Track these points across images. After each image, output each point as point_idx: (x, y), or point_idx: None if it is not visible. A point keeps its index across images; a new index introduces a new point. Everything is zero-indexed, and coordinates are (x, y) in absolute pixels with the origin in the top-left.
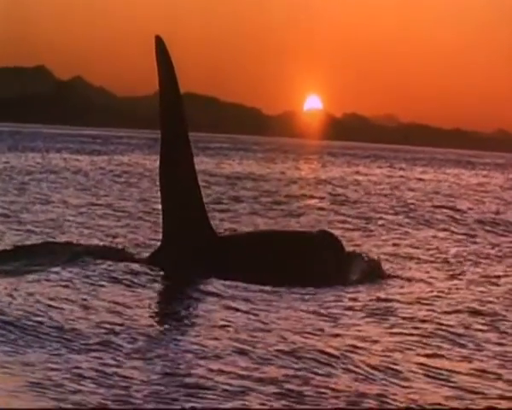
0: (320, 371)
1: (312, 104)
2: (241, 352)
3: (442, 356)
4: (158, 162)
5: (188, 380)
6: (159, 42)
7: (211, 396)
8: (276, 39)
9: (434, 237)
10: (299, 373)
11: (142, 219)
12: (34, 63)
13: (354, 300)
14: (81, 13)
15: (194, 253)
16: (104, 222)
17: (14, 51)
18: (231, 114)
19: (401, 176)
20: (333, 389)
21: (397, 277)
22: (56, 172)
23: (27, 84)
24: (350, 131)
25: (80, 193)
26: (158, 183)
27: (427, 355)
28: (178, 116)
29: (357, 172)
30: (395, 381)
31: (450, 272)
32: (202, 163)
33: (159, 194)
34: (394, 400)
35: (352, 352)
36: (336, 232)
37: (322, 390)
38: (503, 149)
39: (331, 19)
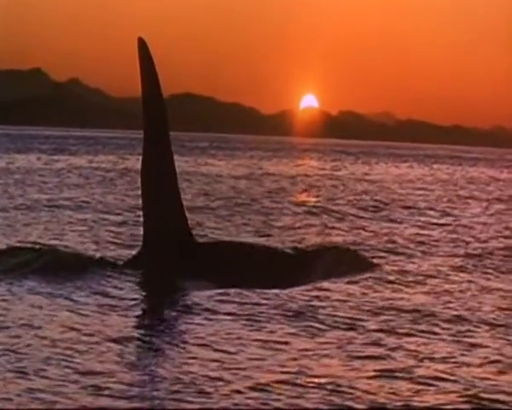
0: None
1: (309, 103)
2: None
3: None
4: (140, 165)
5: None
6: (141, 44)
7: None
8: (273, 39)
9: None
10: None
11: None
12: (30, 66)
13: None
14: (76, 14)
15: (171, 259)
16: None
17: (10, 54)
18: (228, 114)
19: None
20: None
21: None
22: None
23: (24, 86)
24: (347, 129)
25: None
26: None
27: None
28: (160, 119)
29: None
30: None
31: None
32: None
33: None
34: None
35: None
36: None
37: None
38: (500, 144)
39: (327, 17)
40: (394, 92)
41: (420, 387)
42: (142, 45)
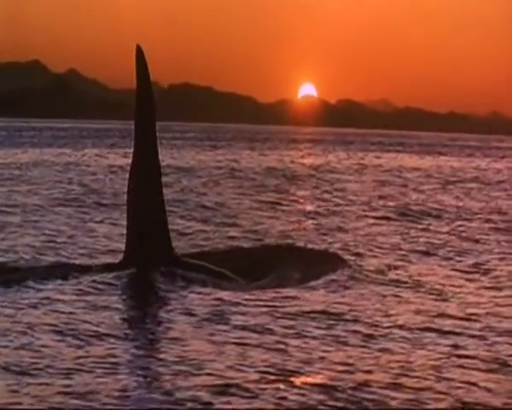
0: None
1: (307, 91)
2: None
3: None
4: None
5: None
6: (138, 51)
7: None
8: (270, 27)
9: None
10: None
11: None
12: (29, 58)
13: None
14: (74, 5)
15: (151, 270)
16: None
17: (9, 46)
18: (226, 103)
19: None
20: None
21: None
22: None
23: (23, 78)
24: (345, 118)
25: None
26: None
27: None
28: (150, 129)
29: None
30: None
31: None
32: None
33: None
34: None
35: None
36: None
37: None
38: (496, 131)
39: (325, 5)
40: (392, 80)
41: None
42: (139, 53)
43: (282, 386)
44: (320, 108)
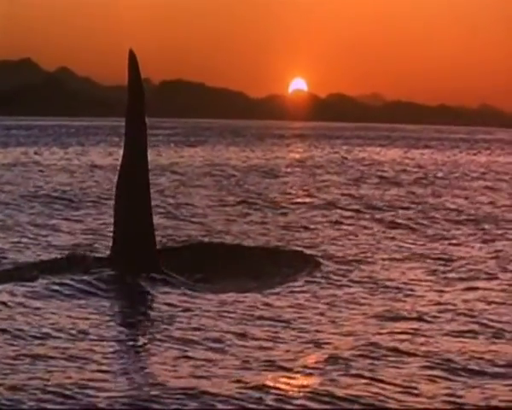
0: None
1: (297, 86)
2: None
3: None
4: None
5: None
6: (131, 56)
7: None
8: (260, 22)
9: None
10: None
11: None
12: (20, 56)
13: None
14: (65, 3)
15: (135, 264)
16: None
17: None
18: (218, 99)
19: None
20: None
21: None
22: None
23: (14, 77)
24: (335, 112)
25: None
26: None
27: None
28: (140, 131)
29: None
30: None
31: None
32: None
33: None
34: None
35: None
36: None
37: None
38: (487, 123)
39: (315, 1)
40: (383, 74)
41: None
42: (132, 57)
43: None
44: (310, 102)
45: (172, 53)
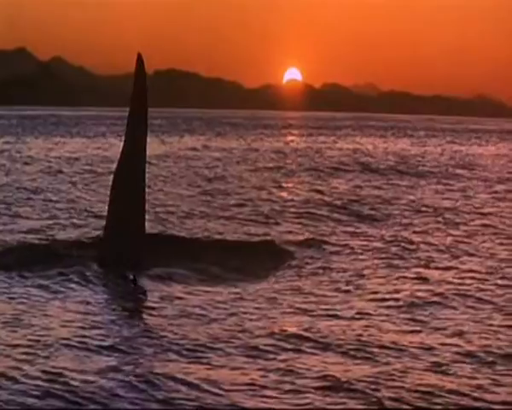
0: None
1: (292, 75)
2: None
3: None
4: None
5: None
6: (139, 58)
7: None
8: (254, 12)
9: None
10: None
11: None
12: (15, 45)
13: None
14: None
15: (125, 247)
16: None
17: None
18: (212, 89)
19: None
20: None
21: None
22: None
23: (9, 66)
24: (330, 102)
25: None
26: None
27: None
28: (141, 129)
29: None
30: None
31: None
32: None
33: None
34: None
35: None
36: None
37: None
38: (482, 113)
39: None
40: (378, 64)
41: None
42: (140, 60)
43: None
44: (305, 92)
45: (166, 42)
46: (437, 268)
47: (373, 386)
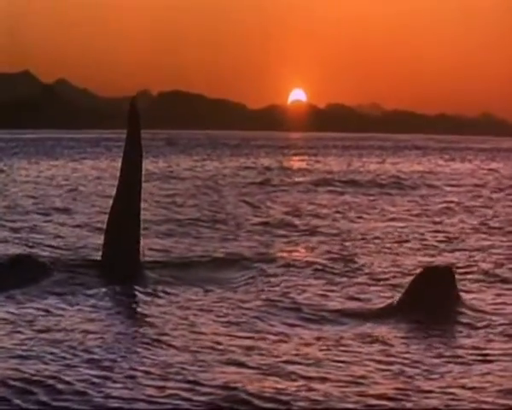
0: None
1: (296, 96)
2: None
3: None
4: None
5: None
6: (133, 104)
7: None
8: (259, 34)
9: None
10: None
11: None
12: (19, 68)
13: None
14: (63, 15)
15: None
16: None
17: None
18: (217, 110)
19: None
20: None
21: None
22: None
23: (13, 89)
24: (334, 122)
25: None
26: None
27: None
28: (136, 175)
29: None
30: None
31: None
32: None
33: None
34: None
35: None
36: None
37: None
38: (487, 132)
39: (313, 10)
40: (381, 83)
41: None
42: (134, 106)
43: None
44: (309, 112)
45: (171, 64)
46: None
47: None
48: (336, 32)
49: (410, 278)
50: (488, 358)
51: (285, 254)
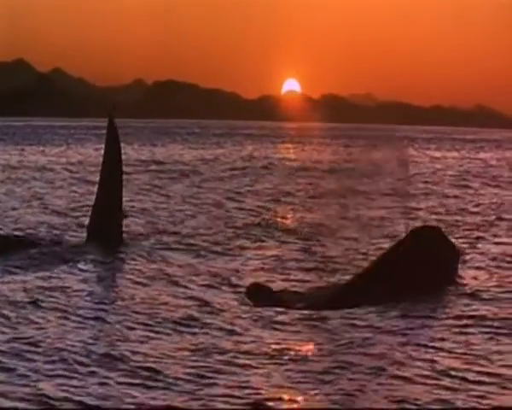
0: None
1: (290, 87)
2: None
3: None
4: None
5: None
6: (110, 116)
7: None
8: (253, 23)
9: None
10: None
11: None
12: (14, 57)
13: None
14: (58, 3)
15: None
16: None
17: None
18: (211, 100)
19: None
20: None
21: None
22: None
23: (8, 78)
24: (328, 113)
25: None
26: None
27: None
28: (116, 183)
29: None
30: None
31: None
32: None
33: None
34: None
35: None
36: None
37: None
38: (481, 124)
39: (307, 2)
40: (376, 74)
41: None
42: (111, 118)
43: None
44: (303, 103)
45: (165, 54)
46: None
47: None
48: (330, 23)
49: None
50: None
51: None
